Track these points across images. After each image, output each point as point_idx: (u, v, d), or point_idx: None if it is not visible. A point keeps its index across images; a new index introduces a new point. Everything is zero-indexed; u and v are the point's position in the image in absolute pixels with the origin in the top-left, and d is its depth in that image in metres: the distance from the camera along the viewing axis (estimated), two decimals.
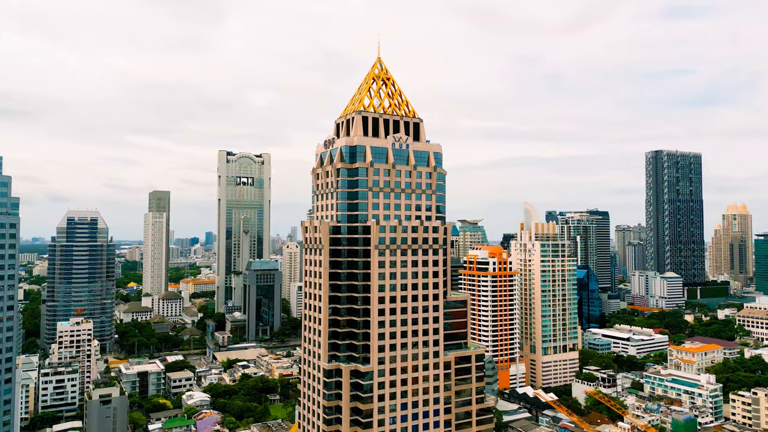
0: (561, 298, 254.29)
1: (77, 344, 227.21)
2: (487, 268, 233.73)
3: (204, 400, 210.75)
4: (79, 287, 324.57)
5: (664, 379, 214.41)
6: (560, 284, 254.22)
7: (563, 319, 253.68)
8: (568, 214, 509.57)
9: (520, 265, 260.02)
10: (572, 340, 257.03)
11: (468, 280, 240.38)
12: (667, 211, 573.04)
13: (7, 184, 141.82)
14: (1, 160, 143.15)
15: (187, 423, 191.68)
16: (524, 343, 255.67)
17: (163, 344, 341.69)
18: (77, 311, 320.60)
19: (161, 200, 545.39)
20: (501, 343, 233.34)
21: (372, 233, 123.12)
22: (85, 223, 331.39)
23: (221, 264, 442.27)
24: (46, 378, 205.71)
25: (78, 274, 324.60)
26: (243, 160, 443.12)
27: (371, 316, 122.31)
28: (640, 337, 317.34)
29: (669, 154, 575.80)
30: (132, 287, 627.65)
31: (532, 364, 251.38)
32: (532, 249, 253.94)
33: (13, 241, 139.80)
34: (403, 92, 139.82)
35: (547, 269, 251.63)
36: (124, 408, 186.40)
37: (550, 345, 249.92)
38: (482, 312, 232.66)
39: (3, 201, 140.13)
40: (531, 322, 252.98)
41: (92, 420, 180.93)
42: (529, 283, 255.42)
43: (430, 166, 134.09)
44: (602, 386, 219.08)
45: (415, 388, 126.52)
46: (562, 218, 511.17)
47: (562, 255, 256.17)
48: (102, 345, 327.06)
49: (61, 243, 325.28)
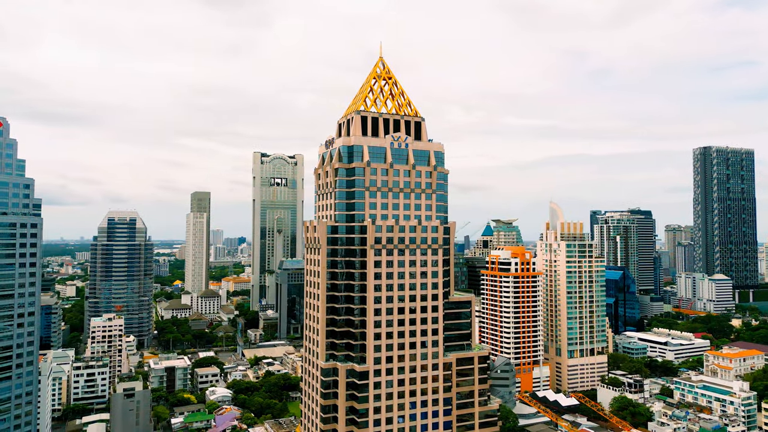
0: (588, 299, 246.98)
1: (109, 339, 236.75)
2: (509, 268, 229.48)
3: (226, 396, 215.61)
4: (119, 284, 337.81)
5: (695, 385, 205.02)
6: (587, 285, 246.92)
7: (590, 321, 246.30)
8: (607, 214, 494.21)
9: (545, 266, 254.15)
10: (600, 344, 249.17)
11: (490, 281, 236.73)
12: (717, 210, 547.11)
13: (29, 186, 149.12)
14: (24, 163, 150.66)
15: (207, 417, 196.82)
16: (549, 346, 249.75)
17: (197, 340, 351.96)
18: (117, 308, 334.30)
19: (202, 201, 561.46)
20: (523, 345, 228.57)
21: (368, 233, 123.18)
22: (124, 223, 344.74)
23: (256, 263, 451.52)
24: (77, 371, 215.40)
25: (117, 272, 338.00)
26: (277, 161, 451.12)
27: (367, 315, 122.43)
28: (679, 342, 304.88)
29: (719, 151, 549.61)
30: (177, 285, 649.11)
31: (558, 367, 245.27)
32: (558, 249, 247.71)
33: (34, 240, 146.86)
34: (406, 92, 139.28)
35: (573, 270, 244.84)
36: (147, 401, 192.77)
37: (576, 348, 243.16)
38: (504, 313, 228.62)
39: (26, 202, 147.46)
40: (556, 324, 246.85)
41: (116, 412, 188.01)
42: (554, 284, 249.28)
43: (430, 166, 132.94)
44: (628, 392, 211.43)
45: (413, 388, 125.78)
46: (601, 218, 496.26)
47: (590, 255, 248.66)
48: (140, 340, 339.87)
49: (102, 242, 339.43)
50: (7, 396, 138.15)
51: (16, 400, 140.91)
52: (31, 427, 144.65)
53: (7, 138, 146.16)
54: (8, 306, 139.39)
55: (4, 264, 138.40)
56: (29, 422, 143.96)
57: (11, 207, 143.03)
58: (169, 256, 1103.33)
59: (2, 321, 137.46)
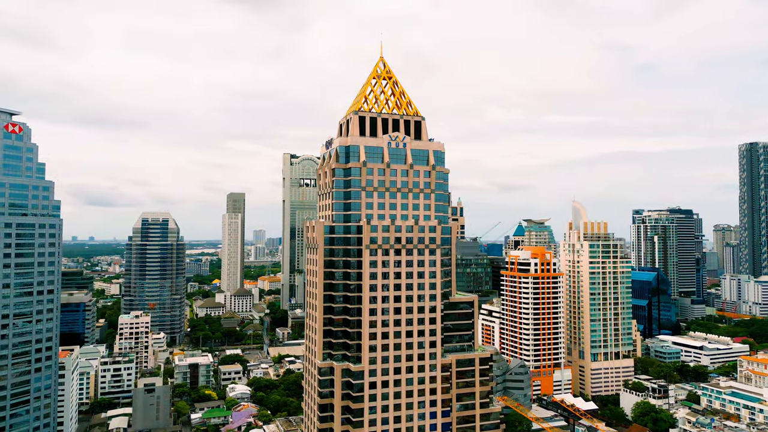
0: (612, 301, 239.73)
1: (136, 336, 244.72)
2: (529, 269, 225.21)
3: (245, 393, 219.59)
4: (152, 283, 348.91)
5: (723, 391, 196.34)
6: (611, 287, 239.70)
7: (615, 323, 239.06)
8: (644, 213, 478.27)
9: (568, 267, 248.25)
10: (626, 347, 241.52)
11: (509, 282, 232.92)
12: (764, 208, 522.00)
13: (48, 188, 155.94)
14: (44, 167, 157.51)
15: (224, 414, 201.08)
16: (572, 348, 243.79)
17: (227, 338, 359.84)
18: (150, 306, 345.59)
19: (237, 202, 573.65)
20: (544, 347, 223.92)
21: (363, 233, 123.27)
22: (157, 224, 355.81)
23: (286, 263, 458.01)
24: (104, 367, 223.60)
25: (151, 271, 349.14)
26: (306, 162, 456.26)
27: (363, 315, 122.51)
28: (715, 346, 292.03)
29: (766, 147, 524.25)
30: (216, 284, 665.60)
31: (581, 370, 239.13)
32: (581, 249, 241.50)
33: (53, 240, 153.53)
34: (406, 91, 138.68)
35: (596, 271, 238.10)
36: (166, 396, 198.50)
37: (599, 351, 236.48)
38: (523, 314, 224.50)
39: (45, 203, 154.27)
40: (579, 326, 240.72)
41: (138, 406, 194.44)
42: (577, 285, 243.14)
43: (429, 165, 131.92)
44: (652, 397, 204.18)
45: (410, 389, 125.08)
46: (638, 217, 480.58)
47: (614, 255, 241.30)
48: (173, 337, 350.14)
49: (136, 242, 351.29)
50: (26, 389, 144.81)
51: (35, 393, 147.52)
52: (49, 420, 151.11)
53: (27, 143, 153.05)
54: (27, 303, 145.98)
55: (23, 263, 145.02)
56: (48, 414, 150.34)
57: (30, 208, 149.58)
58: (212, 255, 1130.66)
59: (21, 318, 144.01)
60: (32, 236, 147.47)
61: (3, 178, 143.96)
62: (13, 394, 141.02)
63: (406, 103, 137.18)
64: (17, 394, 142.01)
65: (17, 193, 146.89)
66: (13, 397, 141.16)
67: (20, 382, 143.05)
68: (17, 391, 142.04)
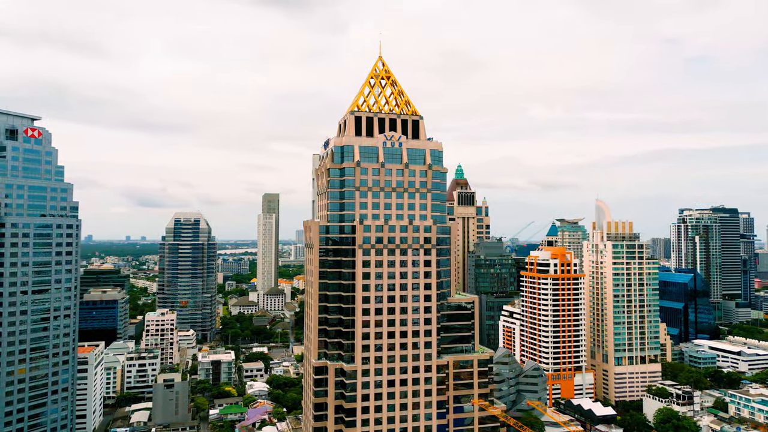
0: (638, 303, 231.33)
1: (161, 333, 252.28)
2: (548, 270, 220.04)
3: (262, 391, 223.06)
4: (184, 281, 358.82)
5: (752, 399, 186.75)
6: (637, 288, 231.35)
7: (641, 326, 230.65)
8: (685, 212, 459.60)
9: (592, 267, 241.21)
10: (653, 351, 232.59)
11: (528, 283, 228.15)
12: None
13: (66, 190, 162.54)
14: (62, 170, 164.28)
15: (241, 410, 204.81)
16: (596, 352, 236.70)
17: (256, 336, 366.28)
18: (182, 303, 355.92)
19: (271, 202, 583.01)
20: (564, 350, 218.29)
21: (356, 233, 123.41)
22: (189, 224, 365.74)
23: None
24: (130, 362, 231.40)
25: (183, 270, 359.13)
26: None
27: (355, 315, 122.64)
28: (755, 352, 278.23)
29: None
30: (253, 283, 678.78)
31: (605, 374, 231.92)
32: (604, 250, 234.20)
33: (69, 240, 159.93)
34: (404, 91, 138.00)
35: (620, 272, 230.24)
36: (185, 392, 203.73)
37: (624, 355, 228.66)
38: (542, 316, 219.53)
39: (63, 205, 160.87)
40: (603, 329, 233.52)
41: (158, 401, 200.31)
42: (600, 287, 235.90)
43: (425, 165, 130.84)
44: (676, 403, 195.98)
45: (404, 389, 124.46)
46: (679, 217, 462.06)
47: (640, 256, 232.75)
48: (203, 334, 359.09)
49: (169, 242, 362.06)
50: (42, 383, 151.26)
51: (53, 387, 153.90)
52: (67, 412, 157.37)
53: (47, 146, 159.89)
54: (45, 301, 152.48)
55: (40, 262, 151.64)
56: (66, 407, 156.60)
57: (49, 209, 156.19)
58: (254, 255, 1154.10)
59: (37, 314, 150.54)
60: (50, 236, 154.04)
61: (22, 180, 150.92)
62: (31, 387, 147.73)
63: (404, 102, 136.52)
64: (35, 387, 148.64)
65: (36, 194, 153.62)
66: (31, 390, 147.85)
67: (38, 376, 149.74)
68: (35, 384, 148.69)
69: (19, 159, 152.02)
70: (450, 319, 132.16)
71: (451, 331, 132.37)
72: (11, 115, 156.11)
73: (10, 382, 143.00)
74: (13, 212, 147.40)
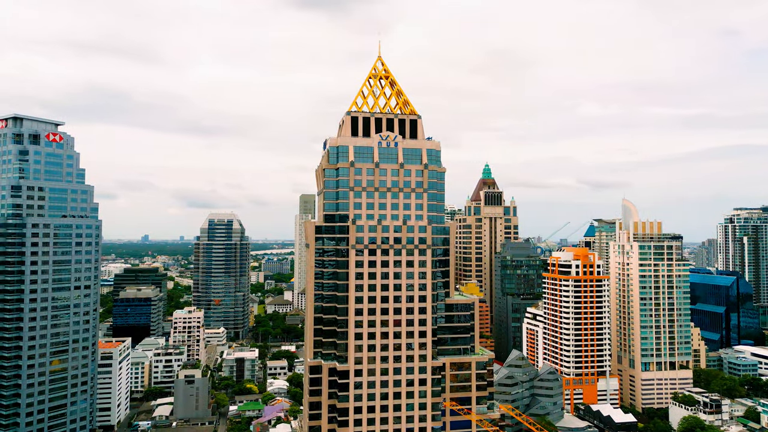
0: (667, 307, 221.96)
1: (188, 330, 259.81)
2: (570, 271, 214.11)
3: (282, 388, 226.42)
4: (217, 280, 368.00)
5: None
6: (666, 291, 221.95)
7: (670, 331, 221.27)
8: (732, 212, 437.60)
9: (618, 269, 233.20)
10: (684, 357, 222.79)
11: (550, 285, 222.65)
12: None
13: (87, 192, 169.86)
14: (83, 173, 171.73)
15: (258, 407, 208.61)
16: (622, 357, 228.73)
17: (287, 334, 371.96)
18: (215, 301, 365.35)
19: (308, 203, 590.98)
20: (586, 354, 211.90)
21: (350, 233, 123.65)
22: (222, 225, 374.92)
23: None
24: (157, 358, 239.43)
25: (216, 269, 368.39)
26: None
27: (348, 315, 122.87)
28: None
29: None
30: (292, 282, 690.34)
31: (631, 380, 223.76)
32: (630, 251, 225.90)
33: (89, 240, 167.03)
34: (403, 91, 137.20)
35: (648, 274, 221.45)
36: (204, 387, 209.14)
37: (652, 360, 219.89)
38: (563, 319, 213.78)
39: (83, 206, 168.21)
40: (629, 333, 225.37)
41: (179, 396, 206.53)
42: (627, 290, 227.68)
43: (421, 164, 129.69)
44: (702, 411, 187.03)
45: (397, 390, 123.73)
46: (726, 217, 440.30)
47: (669, 258, 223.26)
48: (236, 332, 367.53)
49: (203, 242, 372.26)
50: (63, 376, 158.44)
51: (72, 380, 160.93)
52: (86, 405, 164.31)
53: (68, 150, 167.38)
54: (65, 298, 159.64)
55: (61, 260, 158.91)
56: (85, 399, 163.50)
57: (69, 210, 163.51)
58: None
59: (58, 311, 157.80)
60: (69, 236, 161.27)
61: (43, 182, 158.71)
62: (51, 380, 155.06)
63: (402, 102, 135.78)
64: (55, 380, 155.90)
65: (57, 196, 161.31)
66: (52, 383, 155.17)
67: (58, 370, 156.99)
68: (55, 377, 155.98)
69: (41, 162, 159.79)
70: (448, 320, 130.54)
71: (450, 332, 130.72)
72: (35, 121, 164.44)
73: (31, 375, 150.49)
74: (34, 213, 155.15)
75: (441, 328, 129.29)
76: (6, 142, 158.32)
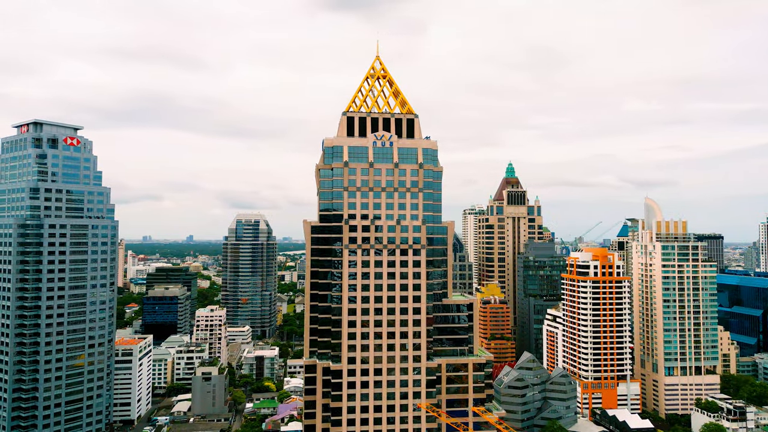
0: (692, 309, 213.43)
1: (210, 328, 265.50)
2: (588, 272, 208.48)
3: (298, 387, 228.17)
4: (245, 280, 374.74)
5: None
6: (691, 293, 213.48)
7: (696, 334, 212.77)
8: None
9: (640, 270, 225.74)
10: (711, 361, 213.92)
11: (568, 286, 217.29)
12: None
13: (103, 194, 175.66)
14: (101, 175, 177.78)
15: (273, 405, 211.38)
16: (645, 360, 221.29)
17: None
18: (243, 300, 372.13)
19: None
20: (605, 357, 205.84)
21: (343, 233, 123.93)
22: (249, 225, 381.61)
23: None
24: (179, 355, 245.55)
25: (243, 269, 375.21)
26: None
27: (342, 315, 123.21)
28: None
29: None
30: None
31: (654, 385, 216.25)
32: (653, 251, 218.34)
33: (105, 239, 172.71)
34: (401, 90, 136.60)
35: (671, 275, 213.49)
36: (221, 384, 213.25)
37: (675, 365, 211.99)
38: (581, 321, 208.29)
39: (100, 207, 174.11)
40: (652, 336, 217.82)
41: (196, 393, 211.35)
42: (649, 291, 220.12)
43: (416, 164, 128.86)
44: (725, 419, 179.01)
45: (391, 391, 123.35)
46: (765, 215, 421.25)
47: (695, 258, 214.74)
48: (263, 330, 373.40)
49: (231, 242, 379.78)
50: (79, 371, 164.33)
51: (89, 375, 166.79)
52: (102, 400, 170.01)
53: (85, 153, 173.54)
54: (81, 296, 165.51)
55: (77, 260, 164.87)
56: (100, 395, 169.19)
57: (86, 212, 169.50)
58: None
59: (76, 307, 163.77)
60: (86, 236, 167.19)
61: (61, 185, 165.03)
62: (68, 375, 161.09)
63: (399, 101, 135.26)
64: (72, 375, 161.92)
65: (74, 198, 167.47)
66: (69, 378, 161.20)
67: (76, 365, 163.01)
68: (72, 373, 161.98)
69: (59, 165, 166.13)
70: (445, 321, 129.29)
71: (447, 333, 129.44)
72: (55, 126, 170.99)
73: (48, 370, 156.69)
74: (52, 214, 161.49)
75: (437, 328, 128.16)
76: (26, 146, 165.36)
